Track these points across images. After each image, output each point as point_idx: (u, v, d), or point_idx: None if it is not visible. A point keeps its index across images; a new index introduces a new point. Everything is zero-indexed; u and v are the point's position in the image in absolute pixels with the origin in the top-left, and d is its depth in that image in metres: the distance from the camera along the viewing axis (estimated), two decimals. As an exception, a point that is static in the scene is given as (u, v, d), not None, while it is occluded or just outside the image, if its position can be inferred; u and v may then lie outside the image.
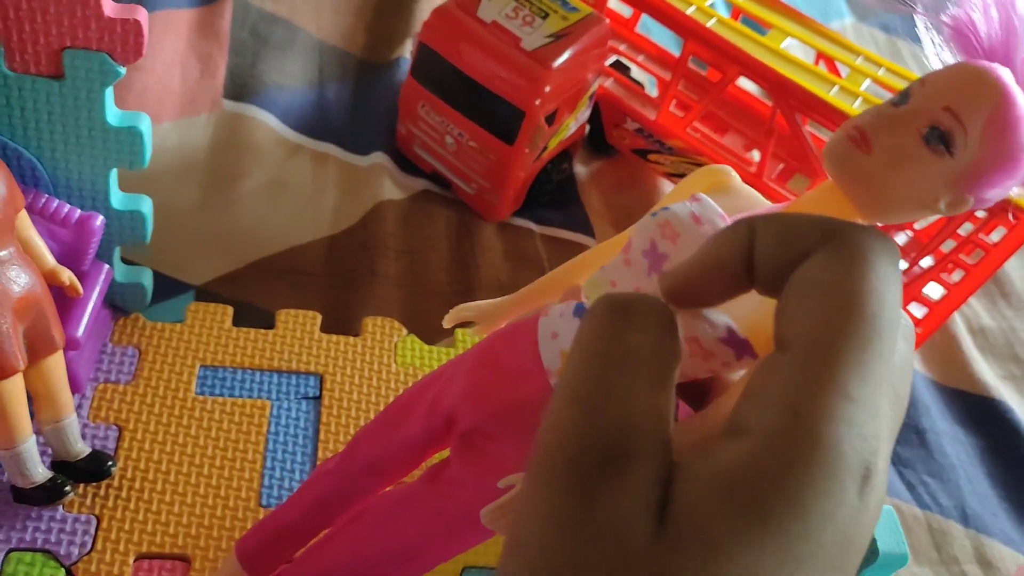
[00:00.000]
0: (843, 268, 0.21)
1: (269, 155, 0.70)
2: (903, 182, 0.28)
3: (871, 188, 0.28)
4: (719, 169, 0.34)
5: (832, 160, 0.29)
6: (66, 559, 0.47)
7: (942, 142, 0.27)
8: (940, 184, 0.28)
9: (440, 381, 0.38)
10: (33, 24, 0.44)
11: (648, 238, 0.29)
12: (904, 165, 0.28)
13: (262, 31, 0.78)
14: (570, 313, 0.33)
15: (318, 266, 0.64)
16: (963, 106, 0.27)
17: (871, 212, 0.29)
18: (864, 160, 0.28)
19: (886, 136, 0.28)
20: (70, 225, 0.49)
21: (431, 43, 0.64)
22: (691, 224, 0.28)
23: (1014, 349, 0.72)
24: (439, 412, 0.37)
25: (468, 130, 0.65)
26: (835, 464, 0.19)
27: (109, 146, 0.49)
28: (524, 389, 0.34)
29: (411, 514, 0.38)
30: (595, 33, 0.64)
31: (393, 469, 0.40)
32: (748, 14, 0.70)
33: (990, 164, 0.28)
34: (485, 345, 0.37)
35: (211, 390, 0.55)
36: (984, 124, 0.27)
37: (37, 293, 0.45)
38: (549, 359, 0.33)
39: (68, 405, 0.47)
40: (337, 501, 0.41)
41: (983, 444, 0.65)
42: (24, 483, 0.46)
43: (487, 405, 0.35)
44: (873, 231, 0.21)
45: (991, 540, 0.60)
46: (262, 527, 0.44)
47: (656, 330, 0.22)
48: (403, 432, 0.39)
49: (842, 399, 0.19)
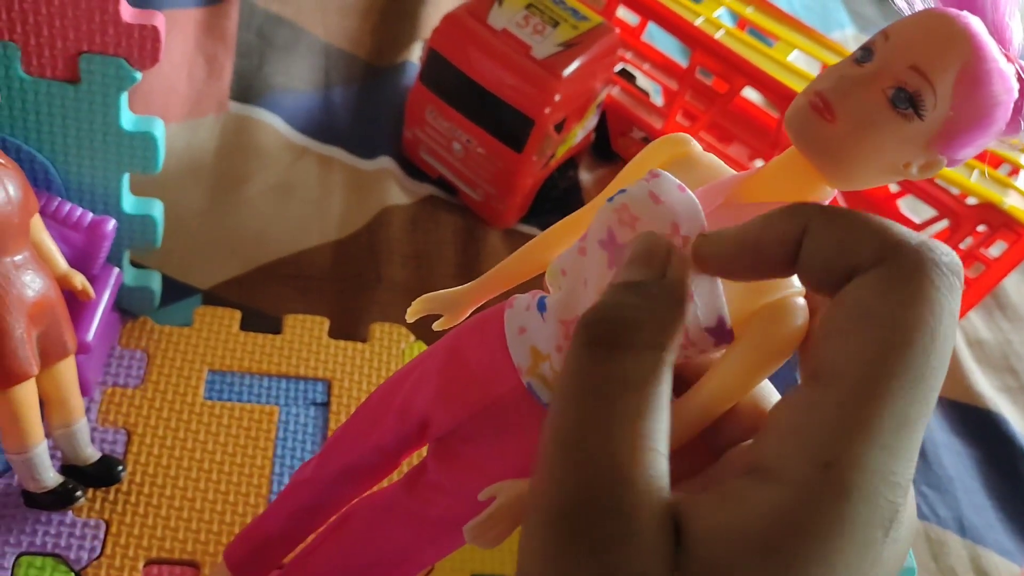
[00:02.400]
0: (898, 298, 0.20)
1: (275, 158, 0.70)
2: (870, 149, 0.26)
3: (836, 156, 0.26)
4: (676, 139, 0.31)
5: (794, 130, 0.27)
6: (76, 564, 0.47)
7: (910, 104, 0.25)
8: (910, 148, 0.26)
9: (408, 381, 0.37)
10: (51, 28, 0.44)
11: (605, 227, 0.28)
12: (870, 131, 0.25)
13: (268, 33, 0.78)
14: (535, 306, 0.32)
15: (324, 271, 0.64)
16: (931, 63, 0.25)
17: (837, 180, 0.27)
18: (827, 128, 0.26)
19: (850, 101, 0.26)
20: (82, 229, 0.49)
21: (440, 49, 0.65)
22: (649, 204, 0.26)
23: (1010, 362, 0.73)
24: (412, 417, 0.36)
25: (476, 137, 0.66)
26: (867, 518, 0.19)
27: (123, 151, 0.49)
28: (496, 388, 0.33)
29: (394, 522, 0.38)
30: (605, 43, 0.64)
31: (369, 474, 0.40)
32: (755, 26, 0.70)
33: (963, 123, 0.25)
34: (451, 341, 0.35)
35: (219, 395, 0.55)
36: (954, 81, 0.25)
37: (51, 298, 0.45)
38: (519, 356, 0.32)
39: (79, 409, 0.47)
40: (317, 509, 0.41)
41: (980, 456, 0.66)
42: (35, 487, 0.46)
43: (460, 408, 0.34)
44: (935, 248, 0.20)
45: (987, 551, 0.61)
46: (248, 536, 0.43)
47: (640, 350, 0.21)
48: (375, 438, 0.38)
49: (878, 449, 0.19)
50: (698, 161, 0.31)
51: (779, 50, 0.67)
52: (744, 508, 0.19)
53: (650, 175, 0.27)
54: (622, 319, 0.21)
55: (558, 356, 0.31)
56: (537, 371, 0.31)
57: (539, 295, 0.32)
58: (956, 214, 0.62)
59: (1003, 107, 0.26)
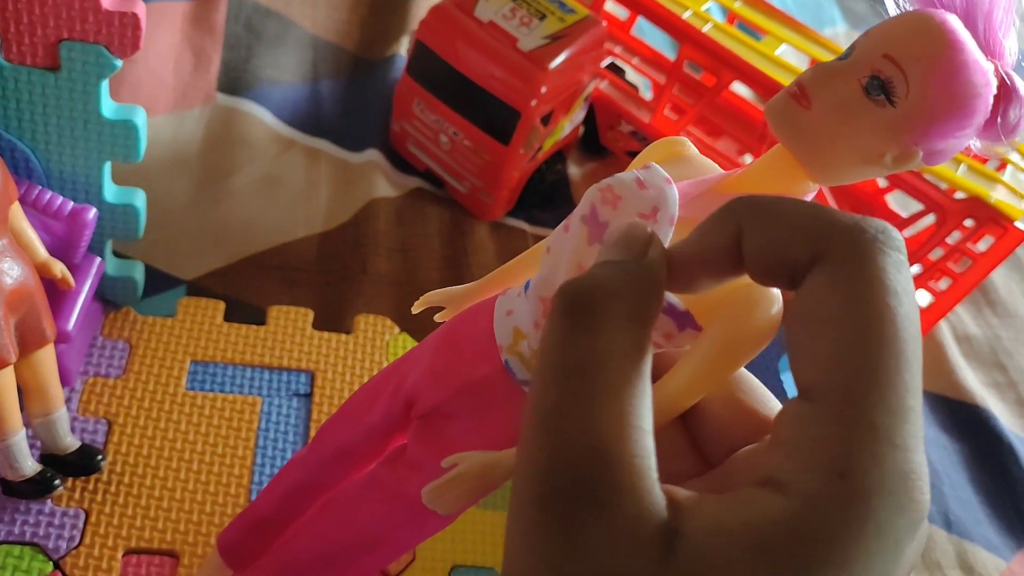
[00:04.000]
0: (849, 291, 0.19)
1: (262, 150, 0.69)
2: (845, 136, 0.27)
3: (814, 145, 0.27)
4: (674, 140, 0.33)
5: (773, 117, 0.28)
6: (54, 553, 0.46)
7: (882, 91, 0.26)
8: (883, 136, 0.27)
9: (405, 366, 0.38)
10: (31, 15, 0.44)
11: (589, 204, 0.29)
12: (845, 117, 0.26)
13: (256, 25, 0.78)
14: (522, 289, 0.33)
15: (310, 263, 0.64)
16: (903, 53, 0.26)
17: (818, 172, 0.28)
18: (804, 115, 0.27)
19: (826, 89, 0.27)
20: (63, 217, 0.49)
21: (427, 41, 0.64)
22: (634, 188, 0.27)
23: (998, 357, 0.72)
24: (400, 395, 0.37)
25: (463, 129, 0.65)
26: (892, 518, 0.18)
27: (104, 139, 0.48)
28: (481, 368, 0.34)
29: (373, 499, 0.38)
30: (592, 35, 0.64)
31: (360, 456, 0.40)
32: (744, 20, 0.70)
33: (936, 113, 0.26)
34: (447, 327, 0.37)
35: (201, 385, 0.55)
36: (926, 70, 0.26)
37: (30, 286, 0.44)
38: (502, 335, 0.33)
39: (58, 398, 0.47)
40: (309, 490, 0.42)
41: (967, 451, 0.66)
42: (13, 476, 0.46)
43: (446, 386, 0.35)
44: (867, 228, 0.20)
45: (973, 546, 0.61)
46: (240, 520, 0.44)
47: (620, 321, 0.20)
48: (368, 419, 0.39)
49: (889, 448, 0.18)
50: (690, 160, 0.32)
51: (767, 45, 0.66)
52: (754, 513, 0.19)
53: (644, 167, 0.28)
54: (601, 287, 0.21)
55: (535, 332, 0.31)
56: (516, 349, 0.32)
57: (529, 279, 0.33)
58: (943, 208, 0.62)
59: (980, 100, 0.26)
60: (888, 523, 0.18)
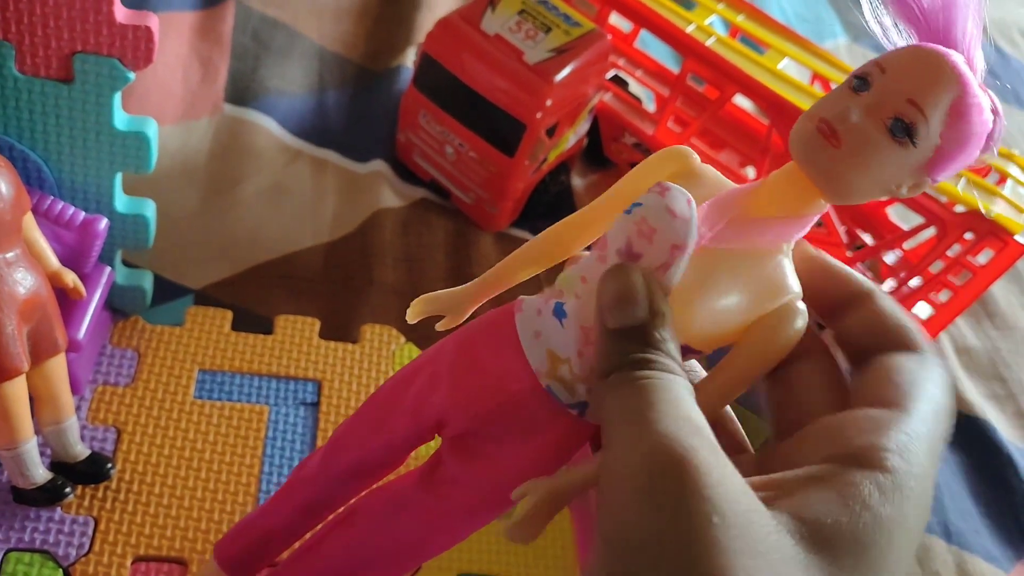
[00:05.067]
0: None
1: (269, 160, 0.70)
2: (870, 172, 0.29)
3: (838, 178, 0.29)
4: (679, 153, 0.33)
5: (802, 154, 0.30)
6: (64, 560, 0.47)
7: (906, 134, 0.28)
8: (903, 172, 0.29)
9: (419, 379, 0.37)
10: (45, 28, 0.45)
11: (624, 237, 0.30)
12: (871, 157, 0.29)
13: (263, 36, 0.78)
14: (550, 312, 0.33)
15: (316, 272, 0.64)
16: (926, 99, 0.28)
17: (834, 197, 0.30)
18: (833, 153, 0.29)
19: (853, 129, 0.29)
20: (74, 227, 0.49)
21: (434, 53, 0.65)
22: (668, 220, 0.29)
23: (998, 369, 0.73)
24: (426, 417, 0.37)
25: (468, 141, 0.66)
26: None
27: (115, 150, 0.49)
28: (512, 388, 0.33)
29: (408, 517, 0.38)
30: (597, 48, 0.64)
31: (376, 470, 0.40)
32: (746, 34, 0.71)
33: (949, 150, 0.29)
34: (461, 344, 0.36)
35: (209, 394, 0.55)
36: (945, 114, 0.28)
37: (42, 295, 0.45)
38: (536, 360, 0.33)
39: (69, 407, 0.48)
40: (321, 506, 0.41)
41: (967, 462, 0.67)
42: (25, 484, 0.47)
43: (477, 410, 0.35)
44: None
45: (973, 556, 0.61)
46: (243, 533, 0.43)
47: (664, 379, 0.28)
48: (386, 436, 0.39)
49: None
50: (700, 176, 0.33)
51: (770, 58, 0.67)
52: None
53: (660, 188, 0.30)
54: (631, 364, 0.27)
55: (579, 361, 0.32)
56: (556, 374, 0.32)
57: (552, 300, 0.33)
58: (944, 222, 0.63)
59: (983, 135, 0.29)
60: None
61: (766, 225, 0.31)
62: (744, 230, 0.31)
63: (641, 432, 0.25)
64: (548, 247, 0.36)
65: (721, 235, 0.31)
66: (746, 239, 0.31)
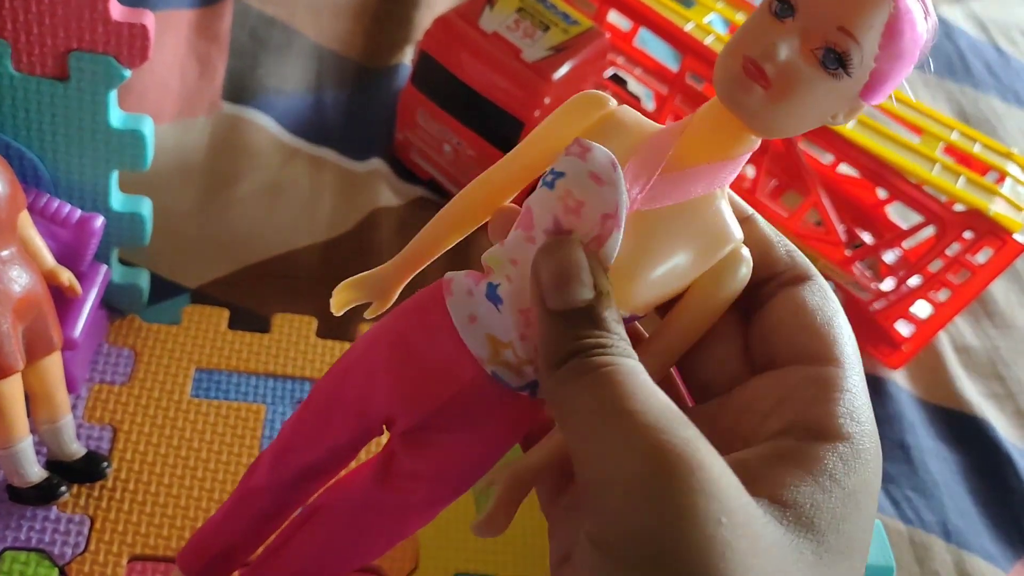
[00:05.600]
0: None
1: (267, 158, 0.70)
2: (803, 108, 0.27)
3: (770, 118, 0.27)
4: (594, 100, 0.30)
5: (729, 96, 0.27)
6: (60, 559, 0.47)
7: (839, 64, 0.26)
8: (838, 102, 0.27)
9: (354, 376, 0.35)
10: (40, 26, 0.44)
11: (551, 216, 0.28)
12: (803, 93, 0.26)
13: (261, 34, 0.78)
14: (483, 295, 0.31)
15: (314, 271, 0.64)
16: (858, 23, 0.25)
17: (767, 134, 0.29)
18: (762, 94, 0.27)
19: (781, 67, 0.26)
20: (70, 225, 0.49)
21: (432, 51, 0.65)
22: (594, 188, 0.27)
23: (997, 368, 0.73)
24: (372, 415, 0.35)
25: (466, 139, 0.66)
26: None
27: (111, 148, 0.49)
28: (457, 378, 0.32)
29: (371, 513, 0.37)
30: (595, 47, 0.64)
31: (329, 469, 0.39)
32: (745, 32, 0.71)
33: (886, 72, 0.27)
34: (390, 330, 0.34)
35: (206, 393, 0.55)
36: (880, 36, 0.26)
37: (37, 293, 0.45)
38: (476, 346, 0.31)
39: (65, 405, 0.48)
40: (279, 510, 0.40)
41: (965, 461, 0.66)
42: (20, 482, 0.46)
43: (424, 405, 0.33)
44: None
45: (972, 556, 0.61)
46: (205, 547, 0.41)
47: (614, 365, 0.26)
48: (332, 437, 0.37)
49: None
50: (621, 123, 0.30)
51: (768, 56, 0.67)
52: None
53: (579, 148, 0.28)
54: (585, 350, 0.26)
55: (522, 344, 0.30)
56: (500, 359, 0.31)
57: (483, 280, 0.31)
58: (943, 220, 0.62)
59: (919, 48, 0.27)
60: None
61: (698, 174, 0.28)
62: (676, 184, 0.28)
63: (627, 428, 0.24)
64: (467, 212, 0.33)
65: (652, 194, 0.28)
66: (679, 193, 0.28)
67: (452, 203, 0.34)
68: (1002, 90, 0.99)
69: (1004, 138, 0.92)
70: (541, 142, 0.31)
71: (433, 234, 0.34)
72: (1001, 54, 1.04)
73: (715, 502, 0.23)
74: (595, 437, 0.25)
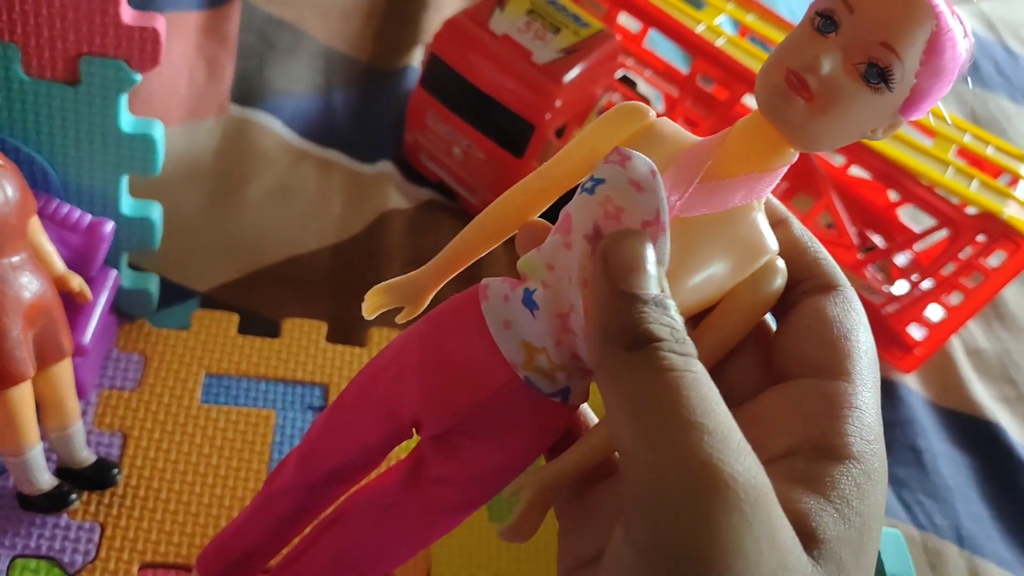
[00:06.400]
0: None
1: (275, 161, 0.69)
2: (845, 122, 0.27)
3: (812, 131, 0.27)
4: (634, 111, 0.31)
5: (772, 108, 0.28)
6: (70, 567, 0.46)
7: (881, 79, 0.26)
8: (879, 116, 0.27)
9: (385, 379, 0.35)
10: (51, 30, 0.44)
11: (590, 221, 0.28)
12: (845, 107, 0.27)
13: (269, 36, 0.78)
14: (519, 301, 0.31)
15: (323, 275, 0.64)
16: (901, 39, 0.26)
17: (808, 148, 0.29)
18: (805, 106, 0.27)
19: (824, 80, 0.27)
20: (80, 230, 0.49)
21: (441, 54, 0.65)
22: (632, 193, 0.27)
23: (1008, 371, 0.73)
24: (401, 418, 0.35)
25: (476, 141, 0.65)
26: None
27: (122, 152, 0.49)
28: (489, 383, 0.32)
29: (398, 518, 0.37)
30: (606, 49, 0.64)
31: (356, 473, 0.39)
32: (756, 33, 0.71)
33: (926, 88, 0.27)
34: (424, 333, 0.34)
35: (216, 398, 0.55)
36: (921, 53, 0.26)
37: (48, 299, 0.44)
38: (510, 352, 0.31)
39: (75, 412, 0.47)
40: (301, 515, 0.40)
41: (978, 465, 0.66)
42: (30, 490, 0.46)
43: (454, 408, 0.33)
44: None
45: (985, 561, 0.61)
46: (225, 550, 0.41)
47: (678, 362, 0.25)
48: (361, 441, 0.36)
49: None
50: (661, 134, 0.30)
51: (780, 58, 0.67)
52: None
53: (619, 156, 0.28)
54: (659, 339, 0.25)
55: (556, 350, 0.30)
56: (534, 364, 0.31)
57: (519, 286, 0.31)
58: (956, 223, 0.62)
59: (958, 65, 0.27)
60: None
61: (736, 185, 0.29)
62: (713, 193, 0.29)
63: (691, 444, 0.23)
64: (503, 219, 0.33)
65: (690, 203, 0.28)
66: (717, 203, 0.29)
67: (488, 211, 0.34)
68: (1011, 90, 0.99)
69: (1014, 138, 0.92)
70: (580, 151, 0.31)
71: (468, 241, 0.34)
72: (1010, 54, 1.04)
73: (767, 545, 0.23)
74: (655, 442, 0.24)
